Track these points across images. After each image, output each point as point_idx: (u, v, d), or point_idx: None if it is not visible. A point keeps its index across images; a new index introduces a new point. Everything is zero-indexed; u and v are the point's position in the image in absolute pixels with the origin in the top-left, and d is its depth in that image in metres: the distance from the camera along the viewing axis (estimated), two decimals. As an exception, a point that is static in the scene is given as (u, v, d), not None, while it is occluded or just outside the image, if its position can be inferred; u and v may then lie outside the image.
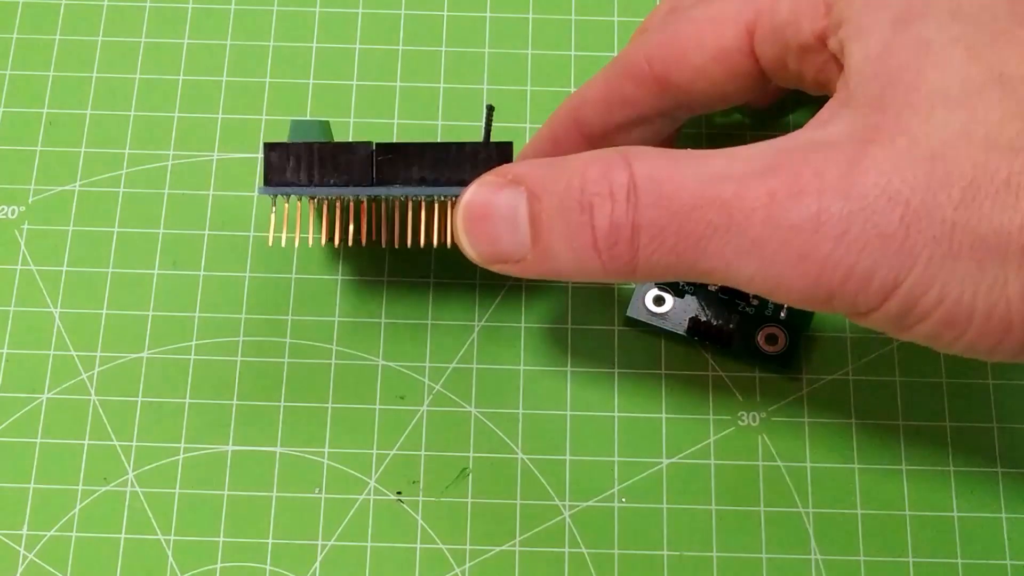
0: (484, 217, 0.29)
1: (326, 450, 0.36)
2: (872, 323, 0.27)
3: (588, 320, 0.38)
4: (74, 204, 0.39)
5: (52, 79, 0.41)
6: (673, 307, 0.37)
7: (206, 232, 0.39)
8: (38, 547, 0.35)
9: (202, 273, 0.38)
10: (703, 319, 0.37)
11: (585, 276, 0.28)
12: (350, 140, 0.33)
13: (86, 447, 0.36)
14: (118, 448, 0.36)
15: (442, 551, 0.35)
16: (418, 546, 0.35)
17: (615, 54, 0.41)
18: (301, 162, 0.32)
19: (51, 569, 0.35)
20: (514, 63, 0.41)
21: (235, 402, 0.37)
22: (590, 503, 0.36)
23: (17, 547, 0.35)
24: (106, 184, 0.39)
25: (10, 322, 0.38)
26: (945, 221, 0.25)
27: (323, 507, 0.36)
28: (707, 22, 0.32)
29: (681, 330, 0.37)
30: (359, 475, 0.36)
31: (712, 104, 0.33)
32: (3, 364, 0.37)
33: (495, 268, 0.29)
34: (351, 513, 0.35)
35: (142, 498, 0.36)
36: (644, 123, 0.34)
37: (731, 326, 0.37)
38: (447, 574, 0.35)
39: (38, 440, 0.36)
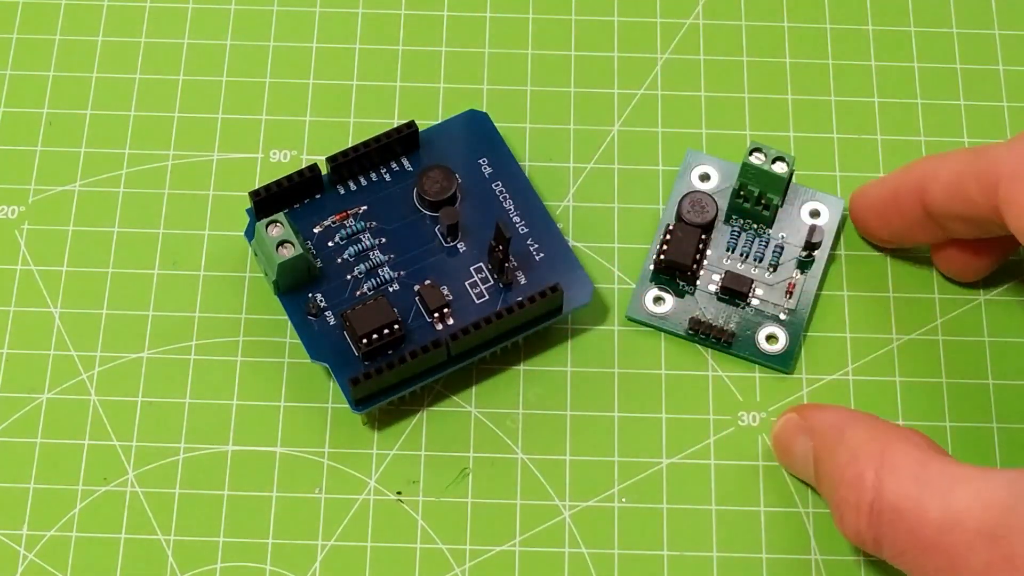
0: (787, 451, 0.35)
1: (326, 450, 0.36)
2: None
3: (588, 320, 0.38)
4: (74, 204, 0.39)
5: (52, 79, 0.41)
6: (673, 307, 0.37)
7: (206, 232, 0.39)
8: (38, 547, 0.35)
9: (202, 273, 0.38)
10: (703, 319, 0.37)
11: None
12: (426, 344, 0.35)
13: (86, 447, 0.36)
14: (118, 448, 0.36)
15: (442, 551, 0.35)
16: (418, 546, 0.35)
17: (615, 54, 0.41)
18: (384, 374, 0.34)
19: (51, 569, 0.35)
20: (514, 63, 0.41)
21: (235, 402, 0.37)
22: (590, 503, 0.36)
23: (17, 547, 0.35)
24: (106, 184, 0.39)
25: (10, 322, 0.38)
26: None
27: (323, 507, 0.36)
28: None
29: (681, 330, 0.37)
30: (359, 475, 0.36)
31: None
32: (3, 364, 0.37)
33: None
34: (351, 513, 0.35)
35: (142, 498, 0.36)
36: (982, 227, 0.34)
37: (731, 326, 0.37)
38: (447, 574, 0.35)
39: (38, 440, 0.36)
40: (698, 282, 0.38)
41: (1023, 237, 0.32)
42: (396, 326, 0.35)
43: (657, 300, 0.37)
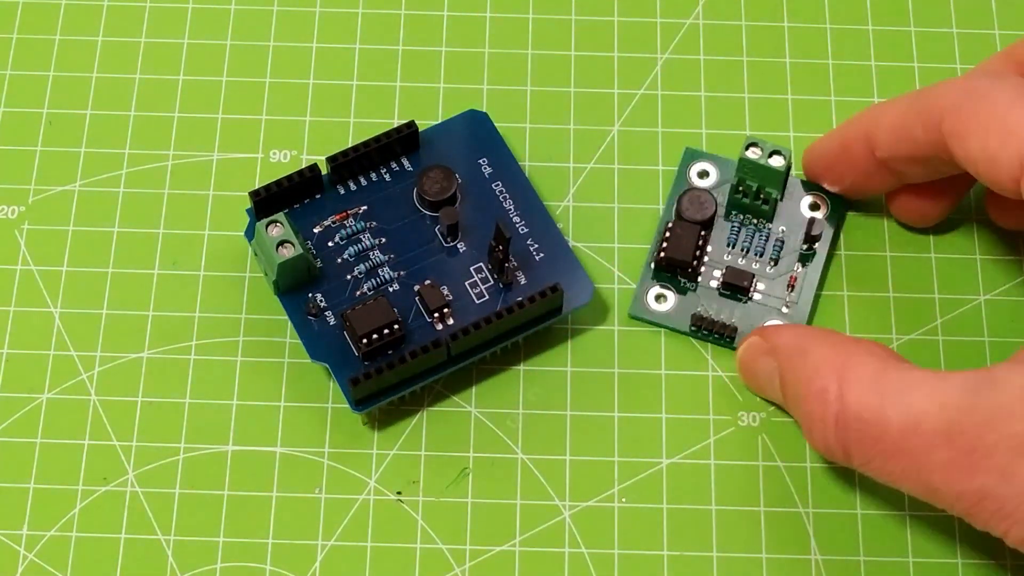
0: (752, 374, 0.36)
1: (326, 450, 0.36)
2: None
3: (588, 320, 0.38)
4: (74, 204, 0.39)
5: (52, 79, 0.41)
6: (675, 304, 0.37)
7: (206, 232, 0.39)
8: (38, 547, 0.35)
9: (202, 273, 0.38)
10: (705, 315, 0.37)
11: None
12: (425, 345, 0.35)
13: (86, 447, 0.36)
14: (118, 448, 0.36)
15: (442, 551, 0.35)
16: (418, 546, 0.35)
17: (615, 54, 0.41)
18: (384, 374, 0.35)
19: (51, 569, 0.35)
20: (514, 63, 0.41)
21: (235, 402, 0.37)
22: (590, 503, 0.36)
23: (17, 547, 0.35)
24: (106, 184, 0.39)
25: (10, 322, 0.38)
26: None
27: (323, 507, 0.36)
28: (999, 126, 0.32)
29: (684, 327, 0.37)
30: (359, 475, 0.36)
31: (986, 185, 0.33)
32: (3, 364, 0.37)
33: None
34: (351, 513, 0.35)
35: (142, 498, 0.36)
36: (930, 165, 0.35)
37: (733, 321, 0.37)
38: (447, 574, 0.35)
39: (38, 440, 0.36)
40: (699, 279, 0.38)
41: (971, 166, 0.32)
42: (396, 326, 0.35)
43: (659, 298, 0.37)
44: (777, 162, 0.37)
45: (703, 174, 0.39)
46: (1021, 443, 0.29)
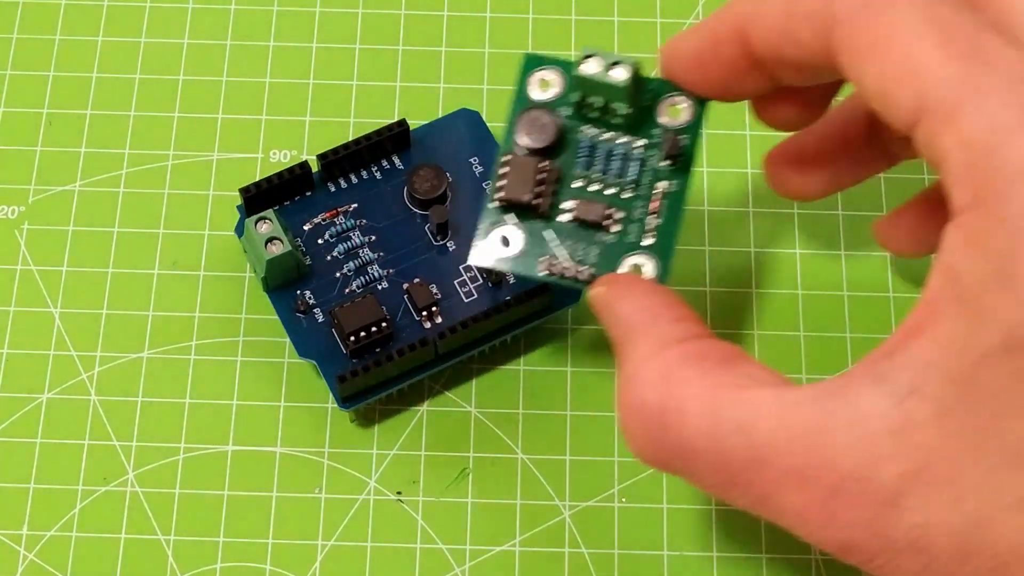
0: (599, 315, 0.31)
1: (326, 450, 0.36)
2: None
3: (588, 320, 0.38)
4: (74, 204, 0.39)
5: (52, 79, 0.41)
6: (524, 247, 0.32)
7: (206, 232, 0.39)
8: (38, 547, 0.35)
9: (202, 273, 0.38)
10: (557, 259, 0.32)
11: None
12: (415, 344, 0.35)
13: (86, 447, 0.36)
14: (118, 448, 0.36)
15: (442, 551, 0.35)
16: (418, 546, 0.35)
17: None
18: (371, 371, 0.34)
19: (51, 569, 0.35)
20: (514, 63, 0.41)
21: (235, 402, 0.37)
22: (590, 503, 0.36)
23: (17, 547, 0.35)
24: (106, 184, 0.39)
25: (10, 322, 0.38)
26: None
27: (323, 507, 0.36)
28: (898, 57, 0.26)
29: (535, 273, 0.32)
30: (359, 475, 0.36)
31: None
32: (3, 364, 0.37)
33: None
34: (351, 513, 0.35)
35: (142, 498, 0.36)
36: (817, 73, 0.29)
37: (591, 260, 0.32)
38: (447, 574, 0.35)
39: (38, 440, 0.36)
40: (549, 214, 0.32)
41: (861, 90, 0.27)
42: (384, 324, 0.35)
43: (504, 241, 0.32)
44: (619, 75, 0.31)
45: (545, 84, 0.33)
46: (890, 489, 0.24)
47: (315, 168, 0.37)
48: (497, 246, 0.32)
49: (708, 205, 0.39)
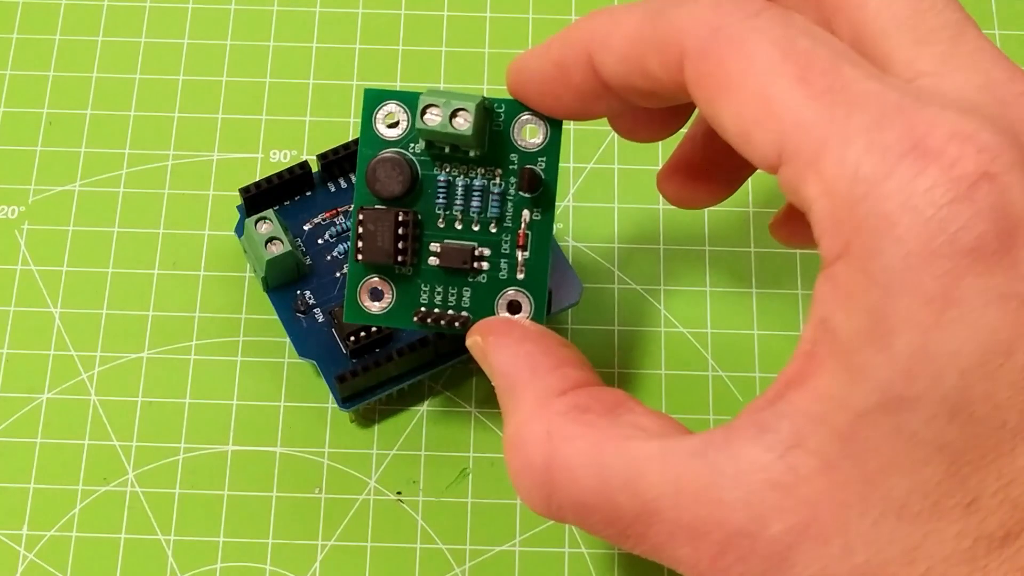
0: (481, 363, 0.30)
1: (326, 450, 0.36)
2: None
3: (588, 320, 0.38)
4: (74, 204, 0.39)
5: (52, 79, 0.41)
6: (396, 298, 0.32)
7: (206, 232, 0.39)
8: (38, 547, 0.35)
9: (202, 273, 0.38)
10: (430, 307, 0.32)
11: None
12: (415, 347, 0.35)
13: (86, 447, 0.36)
14: (118, 448, 0.36)
15: (442, 551, 0.35)
16: (418, 546, 0.35)
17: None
18: (371, 371, 0.34)
19: (51, 569, 0.35)
20: (514, 63, 0.41)
21: (235, 402, 0.37)
22: (590, 503, 0.36)
23: (17, 547, 0.35)
24: (106, 184, 0.39)
25: (10, 322, 0.38)
26: None
27: (323, 507, 0.36)
28: (754, 100, 0.24)
29: (409, 322, 0.32)
30: (359, 475, 0.36)
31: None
32: (3, 364, 0.37)
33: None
34: (351, 513, 0.35)
35: (142, 498, 0.36)
36: (665, 100, 0.28)
37: (465, 304, 0.32)
38: (447, 574, 0.35)
39: (38, 440, 0.36)
40: (417, 262, 0.31)
41: (719, 129, 0.25)
42: None
43: (375, 294, 0.32)
44: (461, 125, 0.30)
45: (391, 117, 0.31)
46: (780, 544, 0.23)
47: (315, 168, 0.37)
48: (368, 302, 0.32)
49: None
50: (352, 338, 0.35)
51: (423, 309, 0.32)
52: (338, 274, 0.36)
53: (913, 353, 0.22)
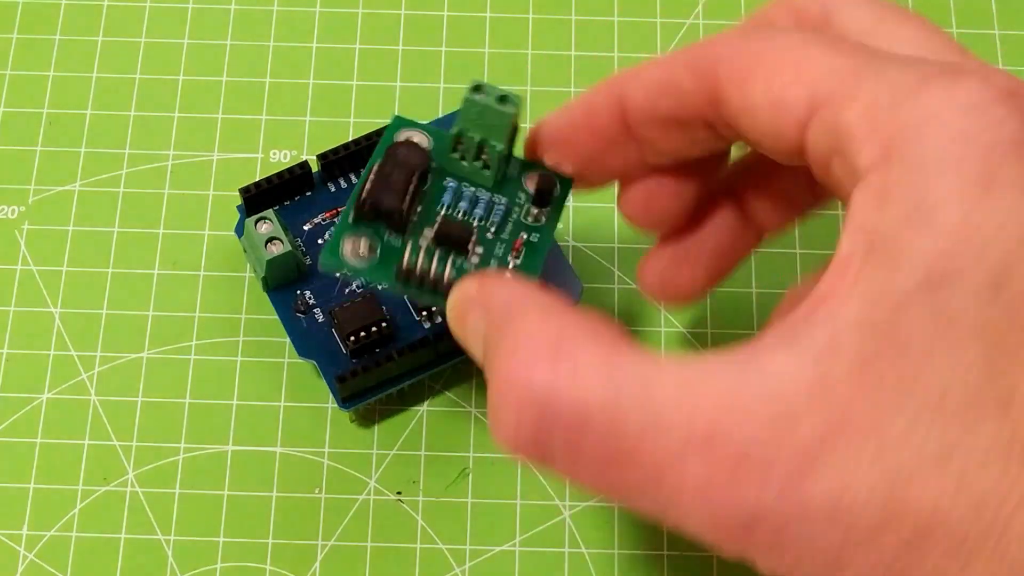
0: (461, 324, 0.28)
1: (326, 450, 0.36)
2: None
3: (588, 320, 0.38)
4: (74, 204, 0.39)
5: (52, 79, 0.41)
6: (379, 258, 0.31)
7: (206, 232, 0.39)
8: (38, 547, 0.35)
9: (202, 273, 0.38)
10: (415, 268, 0.30)
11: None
12: (414, 343, 0.35)
13: (86, 447, 0.36)
14: (118, 448, 0.36)
15: (442, 551, 0.35)
16: (418, 546, 0.35)
17: (615, 54, 0.41)
18: (371, 371, 0.35)
19: (51, 569, 0.35)
20: (514, 63, 0.41)
21: (235, 402, 0.37)
22: (590, 503, 0.36)
23: (17, 547, 0.35)
24: (106, 184, 0.39)
25: (10, 322, 0.38)
26: None
27: (323, 507, 0.36)
28: (787, 65, 0.26)
29: (388, 280, 0.31)
30: (359, 475, 0.36)
31: (764, 149, 0.27)
32: (3, 364, 0.37)
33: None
34: (351, 513, 0.35)
35: (142, 498, 0.36)
36: (688, 130, 0.28)
37: (449, 277, 0.30)
38: (447, 574, 0.35)
39: (38, 440, 0.36)
40: (408, 235, 0.31)
41: (748, 116, 0.26)
42: (384, 324, 0.35)
43: (360, 247, 0.31)
44: (507, 108, 0.30)
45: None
46: (808, 448, 0.22)
47: (315, 168, 0.37)
48: (350, 253, 0.31)
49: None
50: (352, 338, 0.35)
51: (408, 269, 0.30)
52: (338, 274, 0.36)
53: (956, 226, 0.22)
